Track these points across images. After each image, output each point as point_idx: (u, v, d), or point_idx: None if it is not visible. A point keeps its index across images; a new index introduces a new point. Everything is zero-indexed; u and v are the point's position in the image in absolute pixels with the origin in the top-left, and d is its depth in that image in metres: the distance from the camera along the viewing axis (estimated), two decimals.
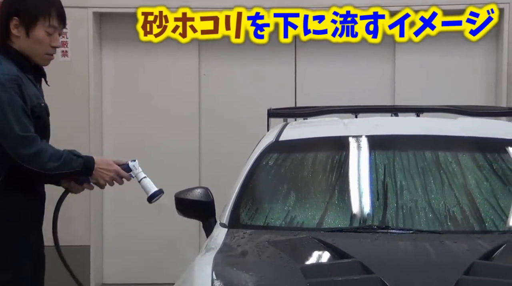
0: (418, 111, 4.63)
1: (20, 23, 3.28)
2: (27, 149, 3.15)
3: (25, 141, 3.15)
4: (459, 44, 6.51)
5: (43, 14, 3.29)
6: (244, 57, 6.63)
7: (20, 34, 3.29)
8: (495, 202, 3.42)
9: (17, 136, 3.14)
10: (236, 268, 2.86)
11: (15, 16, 3.28)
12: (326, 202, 3.50)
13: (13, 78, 3.18)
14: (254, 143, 4.25)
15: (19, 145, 3.14)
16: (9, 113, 3.13)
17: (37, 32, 3.29)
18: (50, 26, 3.32)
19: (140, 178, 3.43)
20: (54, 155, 3.22)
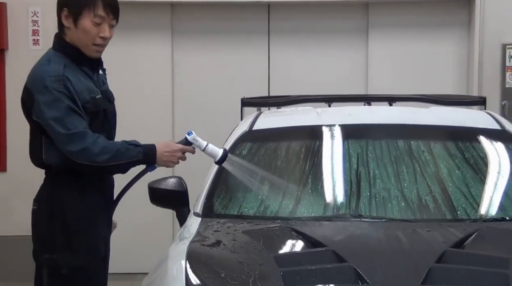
0: (390, 101, 4.65)
1: (68, 13, 3.29)
2: (74, 145, 3.17)
3: (70, 138, 3.17)
4: (431, 33, 6.54)
5: (87, 4, 3.28)
6: (218, 46, 6.62)
7: (70, 25, 3.31)
8: (466, 190, 3.45)
9: (61, 134, 3.17)
10: (209, 257, 2.85)
11: (64, 7, 3.30)
12: (299, 191, 3.51)
13: (59, 79, 3.20)
14: (228, 132, 4.25)
15: (65, 143, 3.18)
16: (49, 115, 3.17)
17: (83, 22, 3.29)
18: (96, 16, 3.29)
19: (203, 147, 3.40)
20: (106, 148, 3.22)
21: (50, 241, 3.28)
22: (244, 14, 6.62)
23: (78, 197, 3.30)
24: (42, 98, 3.18)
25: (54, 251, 3.27)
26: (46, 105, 3.17)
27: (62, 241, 3.27)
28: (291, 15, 6.62)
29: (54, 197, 3.29)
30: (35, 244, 3.36)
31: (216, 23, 6.62)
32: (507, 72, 6.29)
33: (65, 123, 3.17)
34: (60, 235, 3.27)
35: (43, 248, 3.31)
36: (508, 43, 6.28)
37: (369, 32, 6.60)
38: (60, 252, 3.26)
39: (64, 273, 3.26)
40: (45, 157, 3.28)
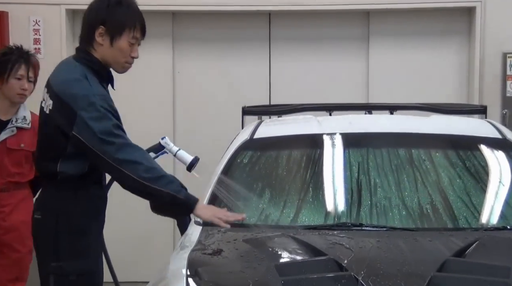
0: (391, 109, 4.65)
1: (105, 32, 3.32)
2: (124, 154, 3.14)
3: (121, 148, 3.15)
4: (431, 42, 6.55)
5: (129, 26, 3.35)
6: (219, 54, 6.63)
7: (104, 42, 3.33)
8: (467, 199, 3.44)
9: (111, 144, 3.15)
10: (210, 266, 2.85)
11: (101, 25, 3.32)
12: (300, 199, 3.51)
13: (103, 98, 3.25)
14: (229, 140, 4.25)
15: (114, 152, 3.14)
16: (97, 129, 3.14)
17: (121, 42, 3.34)
18: (133, 38, 3.37)
19: (175, 152, 3.49)
20: (155, 169, 3.18)
21: (57, 249, 3.29)
22: (245, 23, 6.64)
23: (83, 205, 3.32)
24: (88, 115, 3.16)
25: (62, 259, 3.28)
26: (94, 120, 3.15)
27: (69, 248, 3.28)
28: (292, 24, 6.63)
29: (61, 205, 3.30)
30: (40, 253, 3.38)
31: (217, 32, 6.63)
32: (507, 81, 6.29)
33: (115, 135, 3.16)
34: (67, 242, 3.28)
35: (49, 256, 3.31)
36: (508, 51, 6.28)
37: (370, 41, 6.61)
38: (68, 259, 3.28)
39: (73, 279, 3.29)
40: (60, 169, 3.27)
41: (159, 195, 3.16)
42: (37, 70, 4.51)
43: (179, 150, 3.51)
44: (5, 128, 4.42)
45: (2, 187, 4.42)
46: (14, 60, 4.41)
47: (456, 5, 6.42)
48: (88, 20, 3.38)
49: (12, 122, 4.43)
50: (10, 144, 4.42)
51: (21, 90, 4.40)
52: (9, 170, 4.41)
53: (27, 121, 4.47)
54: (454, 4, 6.40)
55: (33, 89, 4.49)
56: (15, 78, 4.39)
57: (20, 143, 4.43)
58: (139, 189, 3.17)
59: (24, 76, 4.41)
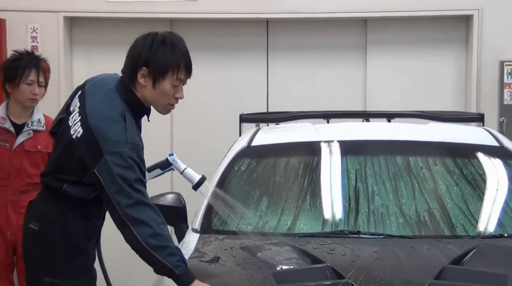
0: (389, 117, 4.66)
1: (148, 73, 3.15)
2: (136, 211, 2.99)
3: (135, 204, 3.00)
4: (429, 50, 6.56)
5: (172, 68, 3.16)
6: (216, 61, 6.63)
7: (147, 84, 3.16)
8: (465, 207, 3.45)
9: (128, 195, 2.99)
10: (208, 273, 2.85)
11: (144, 66, 3.15)
12: (298, 207, 3.51)
13: (134, 147, 3.08)
14: (226, 148, 4.25)
15: (126, 205, 2.99)
16: (119, 173, 3.00)
17: (164, 85, 3.16)
18: (177, 79, 3.19)
19: (182, 170, 3.46)
20: (161, 236, 3.02)
21: (52, 264, 3.18)
22: (243, 30, 6.64)
23: (82, 219, 3.23)
24: (115, 160, 3.01)
25: (57, 275, 3.17)
26: (119, 168, 3.00)
27: (66, 265, 3.18)
28: (290, 31, 6.64)
29: (60, 220, 3.19)
30: (32, 264, 3.26)
31: (214, 39, 6.63)
32: (505, 89, 6.30)
33: (135, 189, 3.00)
34: (64, 259, 3.18)
35: (42, 270, 3.20)
36: (506, 60, 6.29)
37: (367, 49, 6.62)
38: (64, 277, 3.18)
39: None
40: (66, 188, 3.17)
41: (157, 264, 2.98)
42: (47, 75, 4.57)
43: (186, 168, 3.47)
44: (22, 131, 4.51)
45: (22, 188, 4.50)
46: (25, 65, 4.47)
47: (453, 13, 6.43)
48: (132, 57, 3.20)
49: (28, 125, 4.53)
50: (28, 146, 4.52)
51: (32, 95, 4.47)
52: (28, 172, 4.50)
53: (42, 124, 4.57)
54: (451, 12, 6.41)
55: (44, 93, 4.58)
56: (26, 84, 4.44)
57: (37, 145, 4.53)
58: (140, 251, 3.05)
59: (35, 81, 4.47)
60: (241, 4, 6.41)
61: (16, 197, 4.49)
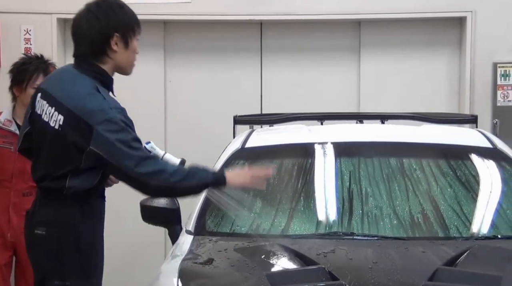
0: (383, 119, 4.66)
1: (120, 37, 3.27)
2: (148, 167, 3.11)
3: (143, 161, 3.12)
4: (422, 52, 6.57)
5: (136, 24, 3.36)
6: (210, 63, 6.63)
7: (119, 49, 3.28)
8: (458, 208, 3.45)
9: (133, 157, 3.10)
10: (202, 275, 2.85)
11: (115, 33, 3.26)
12: (292, 208, 3.51)
13: (120, 111, 3.19)
14: (220, 149, 4.25)
15: (136, 165, 3.09)
16: (117, 137, 3.10)
17: (134, 42, 3.34)
18: (139, 34, 3.38)
19: (162, 156, 3.49)
20: (179, 170, 3.20)
21: (62, 267, 3.18)
22: (237, 32, 6.64)
23: (90, 220, 3.24)
24: (106, 128, 3.08)
25: (67, 278, 3.17)
26: (112, 134, 3.08)
27: (75, 266, 3.18)
28: (284, 33, 6.64)
29: (67, 221, 3.19)
30: (41, 269, 3.26)
31: (208, 41, 6.63)
32: (498, 90, 6.31)
33: (134, 148, 3.12)
34: (73, 261, 3.18)
35: (52, 274, 3.20)
36: (499, 61, 6.30)
37: (361, 50, 6.62)
38: (74, 279, 3.17)
39: None
40: (69, 184, 3.17)
41: (192, 190, 3.20)
42: None
43: (165, 153, 3.54)
44: None
45: (25, 191, 4.49)
46: (33, 69, 4.47)
47: (447, 15, 6.44)
48: (94, 33, 3.25)
49: None
50: None
51: None
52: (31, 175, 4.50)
53: None
54: (445, 14, 6.42)
55: None
56: (33, 88, 4.39)
57: None
58: (177, 193, 3.24)
59: None
60: (235, 6, 6.41)
61: (18, 199, 4.50)
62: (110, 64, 3.29)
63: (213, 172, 3.29)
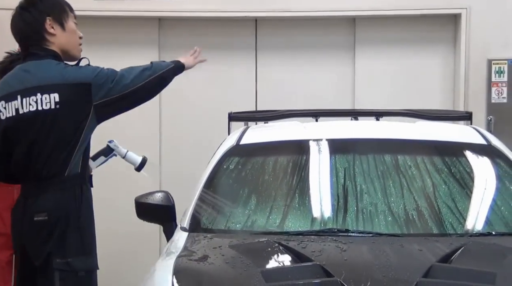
0: (377, 115, 4.66)
1: (54, 20, 3.47)
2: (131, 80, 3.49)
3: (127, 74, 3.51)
4: (417, 48, 6.58)
5: (67, 7, 3.53)
6: None
7: (57, 31, 3.48)
8: (453, 205, 3.46)
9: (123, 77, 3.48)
10: (196, 272, 2.85)
11: (47, 16, 3.46)
12: (286, 205, 3.51)
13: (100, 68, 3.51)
14: (215, 146, 4.25)
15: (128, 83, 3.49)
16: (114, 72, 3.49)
17: (70, 24, 3.52)
18: (74, 17, 3.56)
19: (124, 153, 3.60)
20: (145, 69, 3.58)
21: (63, 246, 3.36)
22: (232, 29, 6.64)
23: (85, 203, 3.44)
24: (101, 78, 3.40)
25: (69, 255, 3.37)
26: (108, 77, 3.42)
27: (77, 245, 3.38)
28: (279, 30, 6.64)
29: (67, 205, 3.37)
30: (42, 253, 3.38)
31: (203, 38, 6.61)
32: (492, 87, 6.33)
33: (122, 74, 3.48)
34: (76, 240, 3.38)
35: (53, 253, 3.36)
36: (493, 58, 6.31)
37: (356, 47, 6.62)
38: (76, 255, 3.38)
39: (82, 275, 3.40)
40: (70, 168, 3.38)
41: (163, 78, 3.66)
42: None
43: (127, 152, 3.62)
44: None
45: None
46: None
47: (441, 12, 6.45)
48: (29, 23, 3.47)
49: None
50: None
51: None
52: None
53: None
54: (439, 11, 6.43)
55: None
56: None
57: None
58: (154, 86, 3.62)
59: None
60: (229, 3, 6.41)
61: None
62: (56, 49, 3.47)
63: (171, 61, 3.74)
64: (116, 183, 6.06)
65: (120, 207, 5.82)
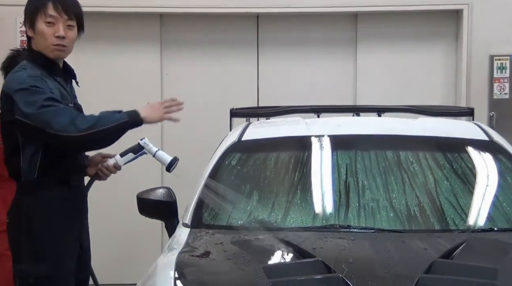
0: (379, 111, 4.66)
1: (28, 23, 3.44)
2: (61, 119, 3.23)
3: (56, 113, 3.24)
4: (419, 44, 6.57)
5: (38, 8, 3.40)
6: (207, 56, 6.62)
7: (32, 33, 3.44)
8: (455, 201, 3.45)
9: (47, 112, 3.22)
10: (198, 268, 2.85)
11: (25, 19, 3.46)
12: (288, 201, 3.51)
13: (36, 79, 3.31)
14: (217, 142, 4.25)
15: (50, 120, 3.22)
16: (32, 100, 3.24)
17: (38, 25, 3.40)
18: (47, 17, 3.39)
19: (154, 152, 3.54)
20: (90, 116, 3.33)
21: (19, 252, 3.33)
22: (233, 25, 6.63)
23: (44, 206, 3.34)
24: (22, 94, 3.25)
25: (22, 261, 3.32)
26: (27, 97, 3.23)
27: (28, 250, 3.31)
28: (280, 26, 6.63)
29: (22, 207, 3.35)
30: (12, 256, 3.41)
31: (205, 34, 6.62)
32: (494, 83, 6.32)
33: (47, 106, 3.23)
34: (26, 244, 3.31)
35: (15, 259, 3.37)
36: (495, 54, 6.31)
37: (357, 43, 6.62)
38: (27, 262, 3.31)
39: (31, 282, 3.31)
40: (22, 165, 3.34)
41: (110, 134, 3.31)
42: None
43: (158, 150, 3.57)
44: None
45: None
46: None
47: (443, 7, 6.44)
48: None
49: None
50: None
51: None
52: None
53: None
54: (441, 7, 6.42)
55: None
56: None
57: None
58: (90, 141, 3.28)
59: None
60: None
61: None
62: (36, 49, 3.44)
63: (127, 112, 3.39)
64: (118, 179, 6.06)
65: (122, 203, 5.83)
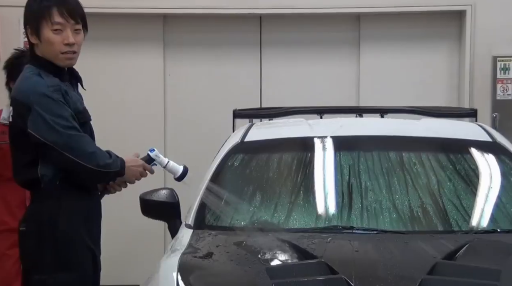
0: (382, 112, 4.66)
1: (31, 30, 3.24)
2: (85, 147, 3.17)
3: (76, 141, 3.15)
4: (422, 45, 6.57)
5: (43, 15, 3.20)
6: (210, 57, 6.62)
7: (36, 41, 3.25)
8: (458, 202, 3.45)
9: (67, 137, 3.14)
10: (201, 269, 2.85)
11: (27, 25, 3.25)
12: (291, 202, 3.51)
13: (57, 89, 3.17)
14: (220, 143, 4.25)
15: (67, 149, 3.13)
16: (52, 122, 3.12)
17: (44, 34, 3.21)
18: (54, 24, 3.20)
19: (165, 164, 3.49)
20: (106, 154, 3.23)
21: (40, 262, 3.20)
22: (236, 26, 6.64)
23: (68, 214, 3.23)
24: (43, 106, 3.11)
25: (45, 272, 3.19)
26: (48, 111, 3.11)
27: (52, 261, 3.19)
28: (283, 27, 6.64)
29: (44, 216, 3.21)
30: (23, 264, 3.31)
31: (208, 35, 6.63)
32: (497, 84, 6.32)
33: (71, 126, 3.14)
34: (51, 255, 3.19)
35: (32, 268, 3.24)
36: (498, 55, 6.30)
37: (360, 44, 6.62)
38: (51, 273, 3.19)
39: None
40: (42, 172, 3.20)
41: (109, 177, 3.28)
42: None
43: (168, 162, 3.50)
44: None
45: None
46: (27, 63, 4.45)
47: (446, 9, 6.44)
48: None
49: None
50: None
51: None
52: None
53: None
54: (444, 8, 6.42)
55: None
56: None
57: None
58: (98, 177, 3.26)
59: None
60: (234, 0, 6.41)
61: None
62: (41, 55, 3.27)
63: (121, 163, 3.27)
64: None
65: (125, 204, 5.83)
